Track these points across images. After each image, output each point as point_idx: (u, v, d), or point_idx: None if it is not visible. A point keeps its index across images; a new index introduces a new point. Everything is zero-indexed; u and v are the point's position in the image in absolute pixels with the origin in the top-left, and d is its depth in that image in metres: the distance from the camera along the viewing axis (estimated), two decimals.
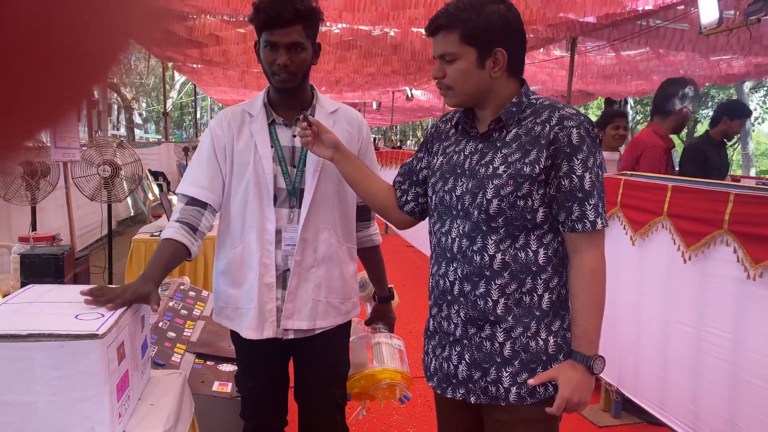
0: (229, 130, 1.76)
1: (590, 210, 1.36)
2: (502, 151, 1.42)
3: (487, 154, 1.44)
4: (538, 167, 1.36)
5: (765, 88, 19.76)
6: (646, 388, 2.89)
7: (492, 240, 1.41)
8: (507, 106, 1.43)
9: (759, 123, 20.84)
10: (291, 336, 1.78)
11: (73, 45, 0.25)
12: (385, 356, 1.91)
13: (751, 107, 18.90)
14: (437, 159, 1.57)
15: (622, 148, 4.55)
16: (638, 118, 24.69)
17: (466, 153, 1.49)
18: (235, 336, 1.85)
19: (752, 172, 17.55)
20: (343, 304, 1.84)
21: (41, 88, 0.25)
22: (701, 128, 24.87)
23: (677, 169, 4.20)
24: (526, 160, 1.38)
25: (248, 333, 1.76)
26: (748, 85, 17.36)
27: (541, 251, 1.41)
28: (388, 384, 1.87)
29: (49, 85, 0.25)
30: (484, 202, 1.40)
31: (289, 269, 1.76)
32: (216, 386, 2.14)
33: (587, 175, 1.36)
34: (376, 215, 1.94)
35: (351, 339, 1.96)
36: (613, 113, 4.51)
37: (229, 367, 2.31)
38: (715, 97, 22.54)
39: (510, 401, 1.43)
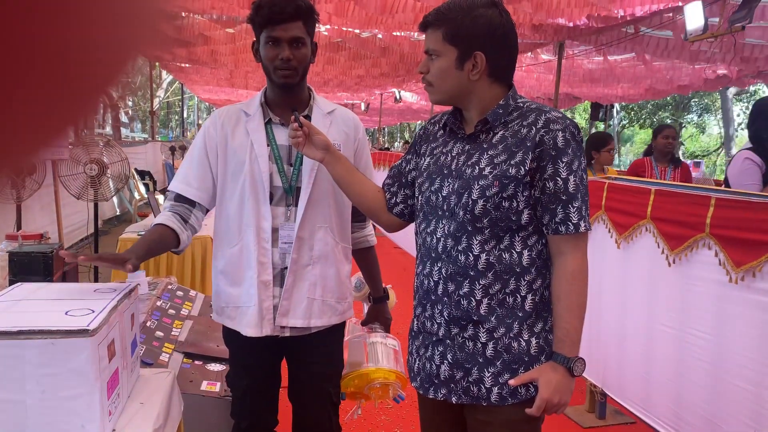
0: (223, 129, 1.78)
1: (573, 213, 1.38)
2: (489, 152, 1.43)
3: (473, 155, 1.46)
4: (523, 169, 1.38)
5: (748, 95, 20.02)
6: (631, 389, 2.93)
7: (477, 240, 1.42)
8: (493, 108, 1.45)
9: (742, 129, 21.11)
10: (287, 333, 1.79)
11: (75, 57, 0.25)
12: (380, 356, 1.92)
13: (735, 113, 19.16)
14: (425, 160, 1.58)
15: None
16: (624, 122, 24.93)
17: (453, 154, 1.50)
18: (230, 336, 1.86)
19: None
20: (338, 303, 1.85)
21: (38, 106, 0.24)
22: (685, 133, 25.17)
23: None
24: (512, 162, 1.39)
25: (248, 331, 1.77)
26: (732, 91, 17.59)
27: (526, 253, 1.43)
28: (382, 383, 1.88)
29: (48, 103, 0.25)
30: (470, 202, 1.41)
31: (286, 267, 1.77)
32: (204, 386, 2.14)
33: (572, 178, 1.37)
34: None
35: (347, 339, 1.98)
36: (661, 126, 5.03)
37: (217, 367, 2.31)
38: (698, 103, 22.83)
39: (491, 401, 1.44)
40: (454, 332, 1.47)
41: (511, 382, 1.42)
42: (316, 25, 1.78)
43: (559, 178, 1.37)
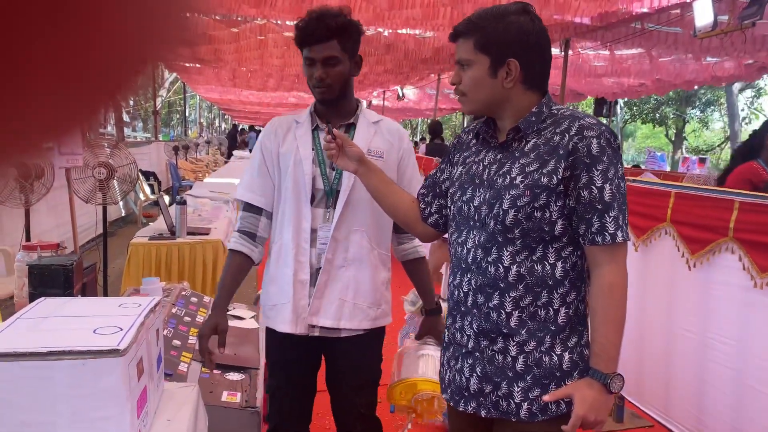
0: (275, 137, 1.89)
1: (610, 222, 1.33)
2: (520, 161, 1.40)
3: (505, 164, 1.43)
4: (555, 178, 1.34)
5: (753, 89, 19.96)
6: (649, 393, 2.91)
7: (507, 251, 1.39)
8: (526, 116, 1.42)
9: (747, 123, 21.05)
10: (317, 333, 1.84)
11: (92, 54, 0.24)
12: (430, 368, 1.89)
13: (739, 107, 19.10)
14: (457, 169, 1.56)
15: None
16: (626, 118, 24.88)
17: (485, 163, 1.48)
18: (269, 334, 1.95)
19: None
20: (370, 308, 1.87)
21: (52, 98, 0.24)
22: (688, 128, 25.12)
23: None
24: (544, 171, 1.36)
25: (283, 327, 1.85)
26: (737, 86, 17.52)
27: (559, 264, 1.39)
28: (430, 395, 1.85)
29: (61, 96, 0.24)
30: (501, 212, 1.39)
31: (320, 267, 1.83)
32: (225, 396, 2.12)
33: (607, 187, 1.33)
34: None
35: (399, 351, 1.98)
36: None
37: (236, 376, 2.29)
38: (701, 98, 22.77)
39: (521, 417, 1.41)
40: (483, 345, 1.45)
41: (545, 398, 1.38)
42: (359, 36, 1.84)
43: (594, 187, 1.33)
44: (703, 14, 5.27)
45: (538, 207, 1.36)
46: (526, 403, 1.40)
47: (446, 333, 1.58)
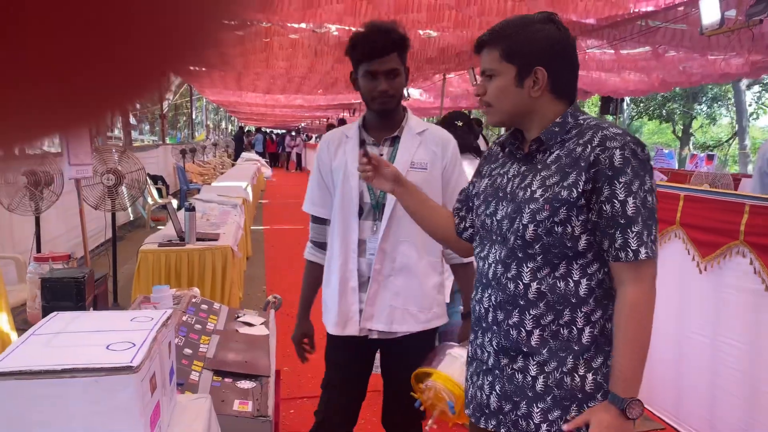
0: (328, 152, 2.00)
1: (633, 238, 1.26)
2: (542, 173, 1.36)
3: (527, 176, 1.39)
4: (576, 191, 1.29)
5: (761, 84, 19.83)
6: (660, 396, 2.90)
7: (528, 268, 1.35)
8: (549, 126, 1.38)
9: (754, 119, 20.92)
10: (375, 336, 1.95)
11: (111, 56, 0.24)
12: (455, 367, 1.85)
13: (746, 103, 18.96)
14: (483, 182, 1.53)
15: None
16: (633, 114, 24.78)
17: (509, 176, 1.44)
18: (327, 334, 2.07)
19: (749, 169, 17.59)
20: (420, 312, 1.95)
21: (69, 89, 0.24)
22: (695, 124, 24.98)
23: None
24: (564, 184, 1.31)
25: (332, 329, 1.99)
26: (744, 82, 17.41)
27: (584, 282, 1.34)
28: (442, 390, 1.81)
29: (78, 89, 0.24)
30: (520, 227, 1.35)
31: (371, 276, 1.93)
32: (236, 405, 2.12)
33: (630, 200, 1.26)
34: None
35: (436, 347, 1.99)
36: None
37: (248, 384, 2.29)
38: (708, 93, 22.64)
39: None
40: (503, 363, 1.41)
41: (565, 427, 1.34)
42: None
43: (616, 201, 1.27)
44: (710, 12, 5.24)
45: (559, 221, 1.31)
46: (545, 425, 1.36)
47: (470, 348, 1.56)
